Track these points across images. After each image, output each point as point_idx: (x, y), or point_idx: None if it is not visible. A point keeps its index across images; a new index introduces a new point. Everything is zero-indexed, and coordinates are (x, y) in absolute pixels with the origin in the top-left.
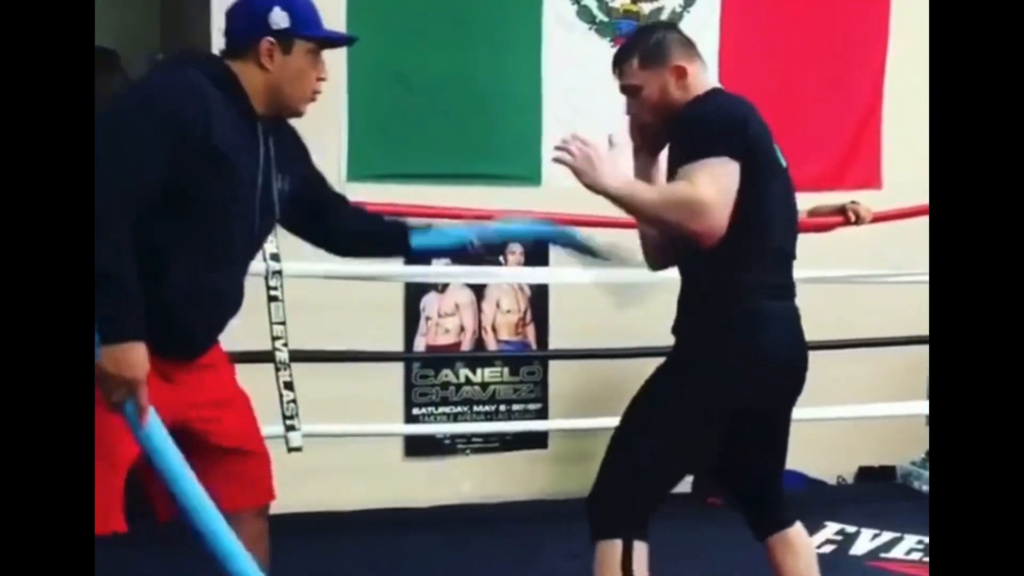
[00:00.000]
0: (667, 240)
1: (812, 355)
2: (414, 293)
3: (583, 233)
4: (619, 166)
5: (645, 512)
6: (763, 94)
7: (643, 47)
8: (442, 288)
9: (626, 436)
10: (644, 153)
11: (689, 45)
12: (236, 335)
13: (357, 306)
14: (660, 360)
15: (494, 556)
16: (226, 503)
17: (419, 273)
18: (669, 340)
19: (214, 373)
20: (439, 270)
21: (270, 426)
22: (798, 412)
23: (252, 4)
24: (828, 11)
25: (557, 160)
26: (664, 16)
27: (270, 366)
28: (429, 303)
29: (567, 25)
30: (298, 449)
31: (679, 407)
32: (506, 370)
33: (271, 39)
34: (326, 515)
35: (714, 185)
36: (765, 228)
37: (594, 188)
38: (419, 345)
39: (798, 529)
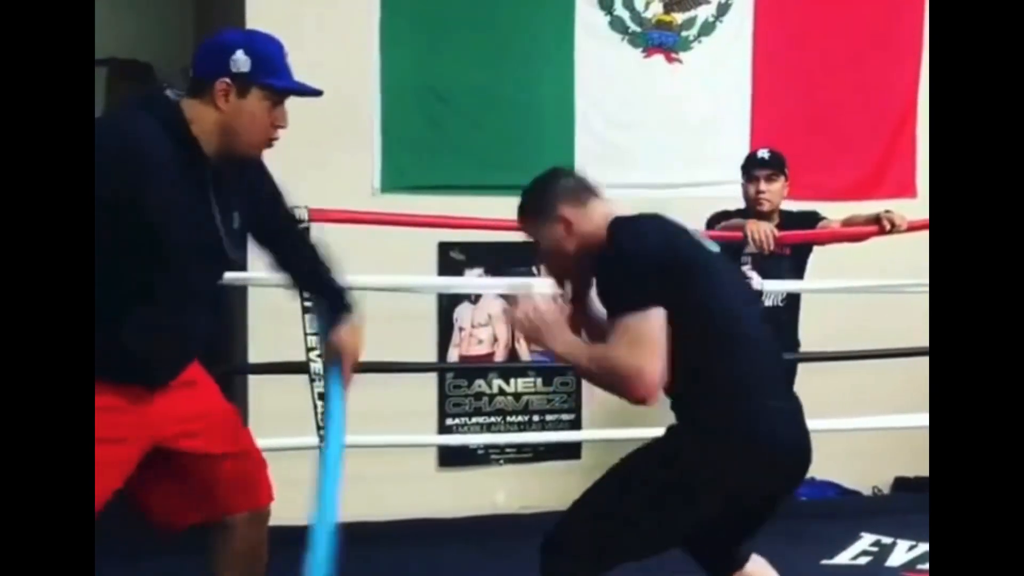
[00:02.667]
0: None
1: (849, 365)
2: (447, 304)
3: None
4: (565, 328)
5: (595, 570)
6: (796, 103)
7: (530, 203)
8: (475, 299)
9: (605, 494)
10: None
11: (580, 190)
12: (271, 346)
13: (391, 317)
14: None
15: (528, 567)
16: (223, 506)
17: (453, 284)
18: None
19: (192, 390)
20: (473, 281)
21: (304, 437)
22: (834, 423)
23: (220, 43)
24: (862, 19)
25: (511, 324)
26: (696, 26)
27: (305, 377)
28: (462, 314)
29: (599, 36)
30: None
31: (672, 486)
32: (539, 380)
33: (227, 80)
34: (359, 525)
35: (637, 345)
36: (724, 326)
37: (546, 352)
38: (452, 356)
39: (755, 562)
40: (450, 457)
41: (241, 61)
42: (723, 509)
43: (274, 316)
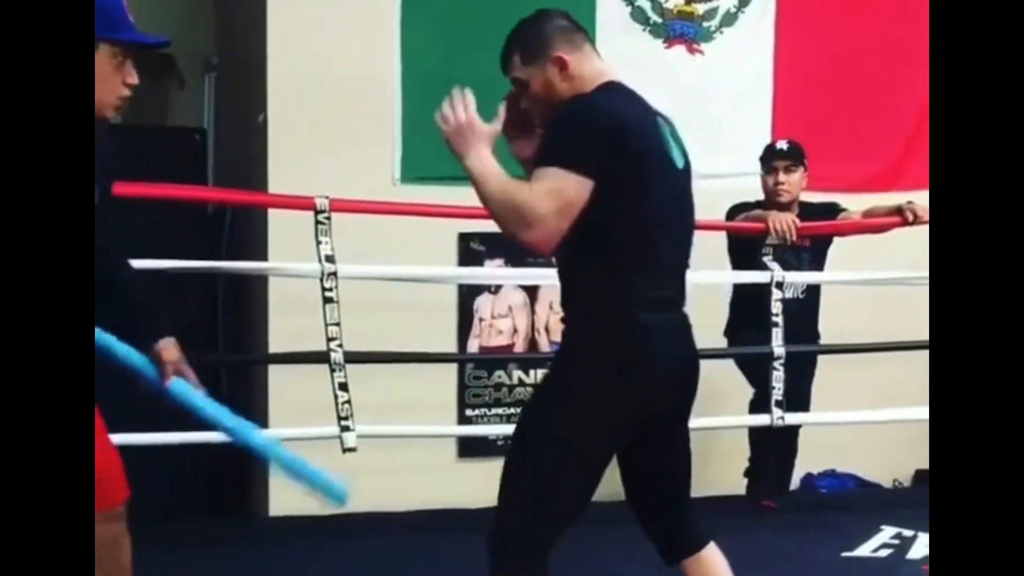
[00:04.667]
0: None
1: (869, 357)
2: (467, 295)
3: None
4: (486, 140)
5: (542, 545)
6: (818, 94)
7: (521, 39)
8: (495, 290)
9: (518, 469)
10: (515, 132)
11: (574, 31)
12: (292, 336)
13: (411, 307)
14: (717, 361)
15: (549, 558)
16: None
17: (472, 275)
18: (718, 341)
19: None
20: (492, 272)
21: (325, 427)
22: (854, 415)
23: None
24: (883, 10)
25: (436, 123)
26: (718, 17)
27: (325, 367)
28: (482, 305)
29: (621, 27)
30: (352, 450)
31: (570, 421)
32: None
33: None
34: (379, 515)
35: (551, 199)
36: (645, 237)
37: (458, 159)
38: (472, 347)
39: (712, 550)
40: (470, 448)
41: None
42: (620, 430)
43: (294, 306)
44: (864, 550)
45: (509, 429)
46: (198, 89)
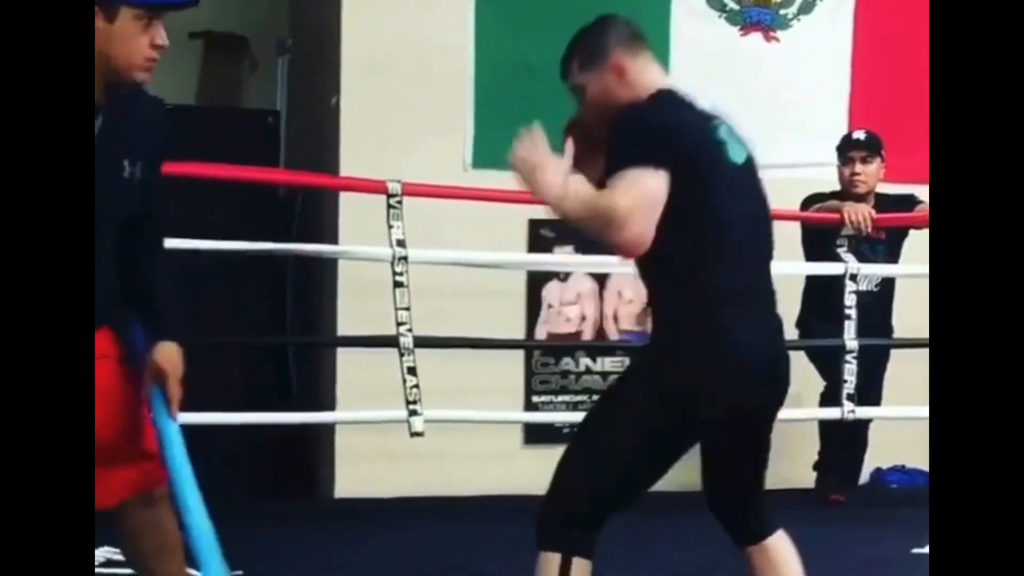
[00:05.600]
0: None
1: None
2: (536, 281)
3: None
4: (559, 171)
5: (591, 527)
6: (897, 83)
7: (582, 46)
8: (564, 277)
9: (580, 445)
10: (586, 157)
11: (634, 39)
12: (359, 319)
13: (480, 293)
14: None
15: (611, 546)
16: (106, 497)
17: (542, 261)
18: (789, 333)
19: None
20: (562, 259)
21: (393, 410)
22: (925, 411)
23: None
24: None
25: (509, 163)
26: (796, 4)
27: (394, 351)
28: (551, 291)
29: (696, 13)
30: (420, 434)
31: (637, 418)
32: (627, 360)
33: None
34: (444, 500)
35: (632, 194)
36: (717, 232)
37: (533, 193)
38: (540, 333)
39: (778, 538)
40: (536, 434)
41: None
42: (700, 425)
43: (363, 289)
44: None
45: (575, 417)
46: (271, 72)
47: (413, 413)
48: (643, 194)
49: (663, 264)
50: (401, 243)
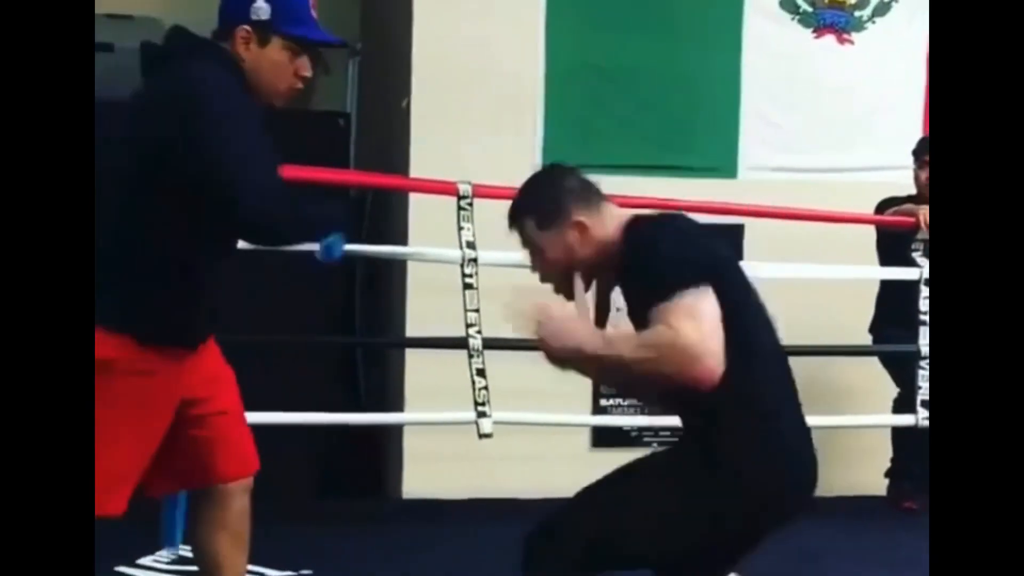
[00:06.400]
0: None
1: None
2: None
3: None
4: (583, 324)
5: (579, 573)
6: None
7: (537, 208)
8: None
9: (609, 494)
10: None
11: (588, 191)
12: (428, 320)
13: (549, 295)
14: (861, 358)
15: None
16: (219, 473)
17: None
18: (863, 338)
19: (206, 353)
20: None
21: (462, 412)
22: None
23: None
24: None
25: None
26: (871, 6)
27: (463, 353)
28: (619, 294)
29: (769, 15)
30: (489, 436)
31: (675, 510)
32: None
33: (247, 27)
34: (511, 502)
35: (697, 322)
36: (746, 337)
37: (568, 354)
38: None
39: None
40: (604, 438)
41: (262, 9)
42: (723, 536)
43: (433, 290)
44: None
45: (643, 420)
46: (342, 74)
47: (482, 415)
48: (705, 318)
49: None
50: (471, 245)
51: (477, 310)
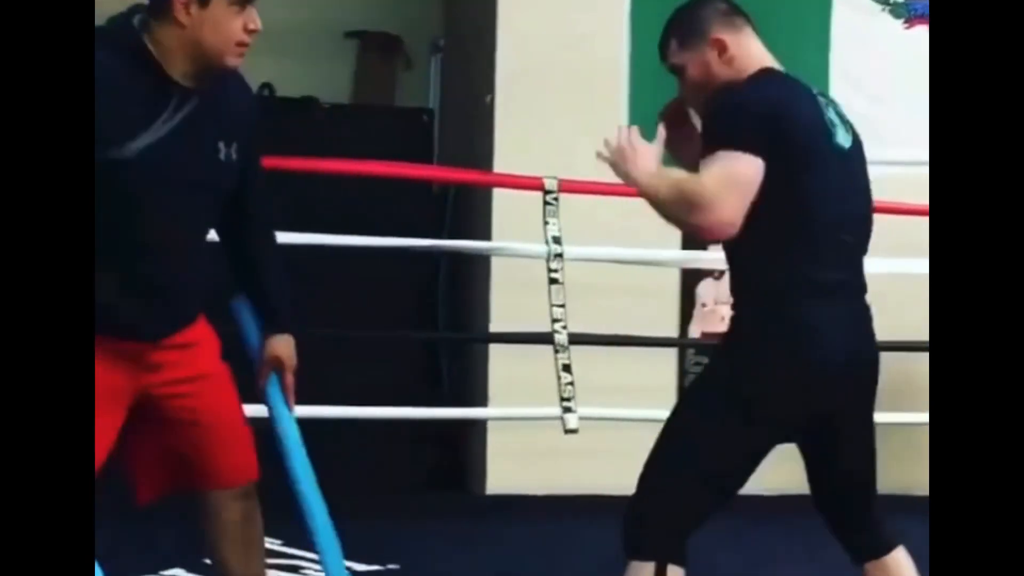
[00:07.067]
0: None
1: None
2: (690, 279)
3: None
4: (652, 157)
5: (683, 533)
6: None
7: (679, 24)
8: (719, 275)
9: (665, 449)
10: (681, 144)
11: (733, 15)
12: (512, 315)
13: (633, 291)
14: (921, 354)
15: (774, 549)
16: (208, 479)
17: (696, 259)
18: (922, 334)
19: (191, 352)
20: (717, 257)
21: (545, 407)
22: None
23: None
24: None
25: (598, 156)
26: None
27: (549, 348)
28: (705, 290)
29: (858, 6)
30: (574, 431)
31: (713, 422)
32: None
33: None
34: (595, 498)
35: (721, 176)
36: (810, 220)
37: (626, 181)
38: (693, 332)
39: (897, 556)
40: None
41: None
42: (783, 427)
43: (517, 286)
44: None
45: None
46: (425, 70)
47: (567, 410)
48: (733, 176)
49: (750, 254)
50: (557, 240)
51: (563, 305)
